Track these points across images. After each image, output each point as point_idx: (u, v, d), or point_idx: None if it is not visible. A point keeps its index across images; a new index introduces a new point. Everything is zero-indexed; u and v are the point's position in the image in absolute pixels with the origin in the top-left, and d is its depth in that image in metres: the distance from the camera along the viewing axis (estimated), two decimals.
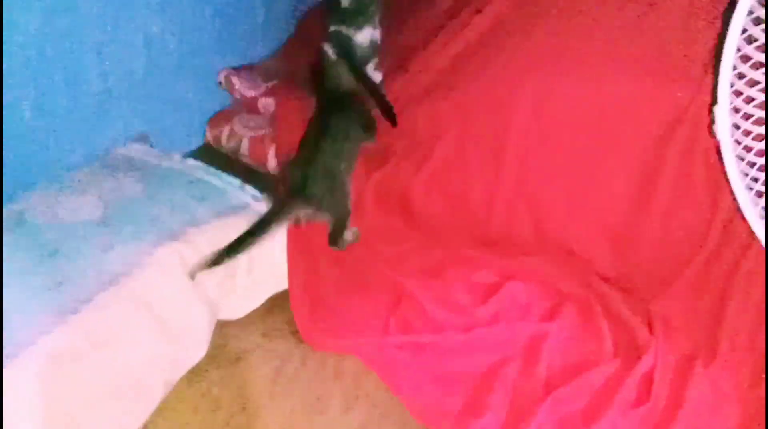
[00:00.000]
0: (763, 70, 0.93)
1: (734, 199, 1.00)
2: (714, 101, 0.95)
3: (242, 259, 1.18)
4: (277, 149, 1.58)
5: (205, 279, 1.12)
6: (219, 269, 1.14)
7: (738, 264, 1.04)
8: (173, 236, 1.11)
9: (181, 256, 1.09)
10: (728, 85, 0.94)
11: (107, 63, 1.42)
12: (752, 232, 1.01)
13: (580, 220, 1.21)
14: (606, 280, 1.16)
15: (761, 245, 1.02)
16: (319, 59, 1.45)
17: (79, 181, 1.25)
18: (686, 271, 1.08)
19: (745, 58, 0.93)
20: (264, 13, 1.83)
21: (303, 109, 1.50)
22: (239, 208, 1.25)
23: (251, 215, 1.25)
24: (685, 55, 1.07)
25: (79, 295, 0.98)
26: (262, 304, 1.26)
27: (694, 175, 1.09)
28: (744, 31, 0.90)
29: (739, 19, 0.89)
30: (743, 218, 1.01)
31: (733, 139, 0.97)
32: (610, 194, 1.18)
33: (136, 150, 1.42)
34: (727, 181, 0.99)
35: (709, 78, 1.03)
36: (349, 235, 1.32)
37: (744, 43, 0.92)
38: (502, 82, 1.27)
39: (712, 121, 0.96)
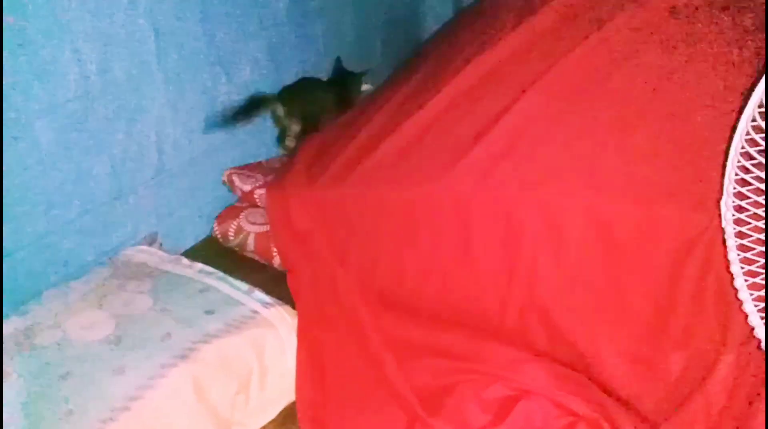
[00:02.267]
0: None
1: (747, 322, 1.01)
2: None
3: (255, 375, 1.18)
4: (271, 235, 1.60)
5: (217, 398, 1.11)
6: (231, 386, 1.14)
7: (751, 389, 1.04)
8: (185, 356, 1.10)
9: (194, 377, 1.08)
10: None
11: (119, 166, 1.45)
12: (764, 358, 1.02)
13: (595, 336, 1.21)
14: (618, 399, 1.16)
15: None
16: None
17: (88, 291, 1.25)
18: (698, 396, 1.08)
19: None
20: None
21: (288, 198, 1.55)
22: (248, 318, 1.24)
23: (260, 324, 1.25)
24: (701, 180, 1.08)
25: (90, 425, 0.96)
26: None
27: (707, 300, 1.09)
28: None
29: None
30: (757, 344, 1.02)
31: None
32: (627, 313, 1.18)
33: (146, 253, 1.43)
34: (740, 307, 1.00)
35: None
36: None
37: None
38: (512, 189, 1.28)
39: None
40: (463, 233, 1.35)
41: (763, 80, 0.82)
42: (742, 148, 0.91)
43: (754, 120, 0.89)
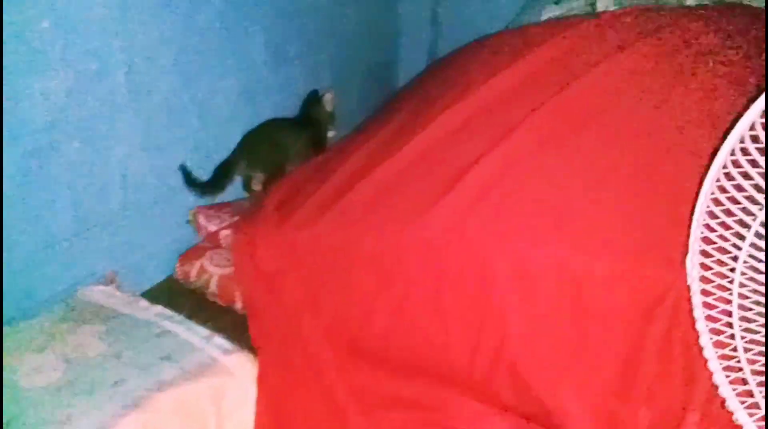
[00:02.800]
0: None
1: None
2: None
3: (212, 426, 1.13)
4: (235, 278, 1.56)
5: None
6: None
7: None
8: (137, 404, 1.05)
9: (146, 427, 1.03)
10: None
11: (81, 202, 1.41)
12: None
13: (562, 392, 1.19)
14: None
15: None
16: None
17: (39, 332, 1.20)
18: None
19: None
20: None
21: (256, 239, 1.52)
22: (206, 366, 1.20)
23: (219, 371, 1.21)
24: (668, 238, 1.09)
25: None
26: None
27: (673, 358, 1.09)
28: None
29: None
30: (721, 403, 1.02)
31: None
32: (594, 370, 1.17)
33: (103, 294, 1.38)
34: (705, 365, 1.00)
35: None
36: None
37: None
38: (485, 239, 1.27)
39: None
40: (434, 281, 1.33)
41: (727, 141, 0.84)
42: (708, 207, 0.92)
43: (718, 180, 0.90)
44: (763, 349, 0.92)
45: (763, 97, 0.73)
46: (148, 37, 1.48)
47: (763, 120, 0.75)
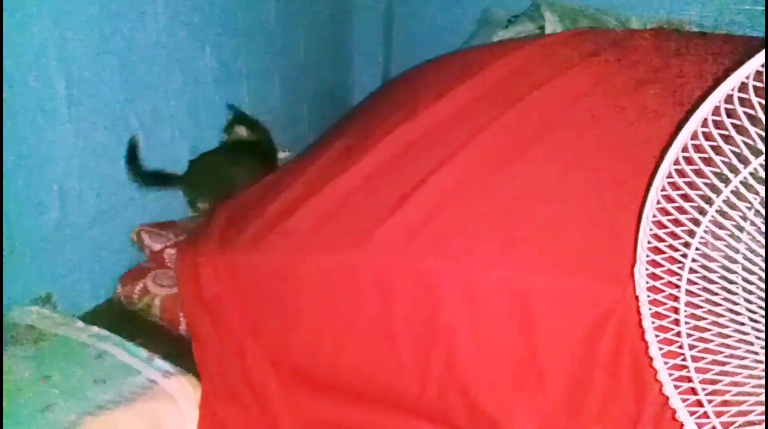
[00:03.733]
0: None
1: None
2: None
3: None
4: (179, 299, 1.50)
5: None
6: None
7: None
8: None
9: None
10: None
11: (14, 219, 1.33)
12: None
13: (513, 412, 1.17)
14: None
15: None
16: None
17: None
18: None
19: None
20: None
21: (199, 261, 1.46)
22: (145, 389, 1.13)
23: (158, 395, 1.14)
24: (614, 253, 1.09)
25: None
26: None
27: (622, 373, 1.09)
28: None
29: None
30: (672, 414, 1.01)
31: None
32: (544, 388, 1.15)
33: (36, 315, 1.30)
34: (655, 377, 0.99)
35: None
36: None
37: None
38: (431, 259, 1.26)
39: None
40: (381, 305, 1.29)
41: (671, 149, 0.85)
42: (654, 215, 0.93)
43: (664, 189, 0.91)
44: (714, 357, 0.93)
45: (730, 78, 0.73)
46: (89, 49, 1.43)
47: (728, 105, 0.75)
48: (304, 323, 1.38)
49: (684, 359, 0.97)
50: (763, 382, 0.90)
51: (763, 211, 0.77)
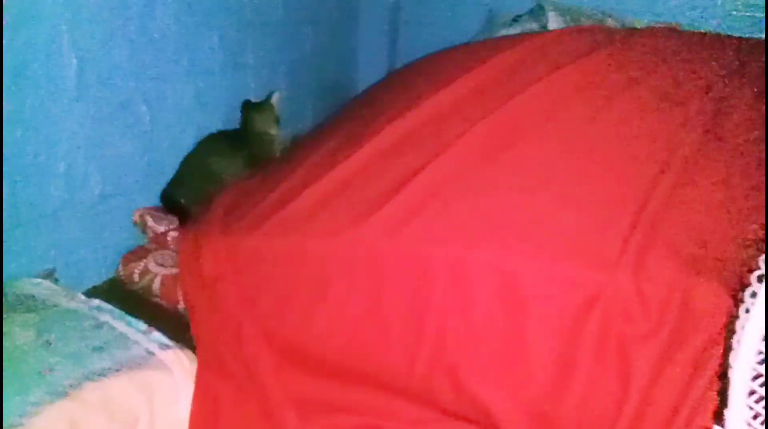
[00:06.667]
0: None
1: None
2: None
3: (142, 422, 1.09)
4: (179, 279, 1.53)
5: None
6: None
7: None
8: (64, 393, 1.01)
9: (71, 418, 0.99)
10: None
11: (20, 195, 1.37)
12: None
13: (499, 393, 1.19)
14: None
15: None
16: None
17: None
18: None
19: None
20: None
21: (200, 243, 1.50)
22: (141, 359, 1.17)
23: (154, 366, 1.17)
24: (602, 240, 1.12)
25: None
26: None
27: (608, 357, 1.11)
28: None
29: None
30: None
31: None
32: (530, 370, 1.18)
33: (39, 287, 1.33)
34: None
35: (622, 263, 1.10)
36: None
37: None
38: (422, 244, 1.29)
39: None
40: (374, 287, 1.33)
41: None
42: None
43: None
44: None
45: None
46: (101, 32, 1.47)
47: None
48: (299, 303, 1.41)
49: None
50: None
51: None
